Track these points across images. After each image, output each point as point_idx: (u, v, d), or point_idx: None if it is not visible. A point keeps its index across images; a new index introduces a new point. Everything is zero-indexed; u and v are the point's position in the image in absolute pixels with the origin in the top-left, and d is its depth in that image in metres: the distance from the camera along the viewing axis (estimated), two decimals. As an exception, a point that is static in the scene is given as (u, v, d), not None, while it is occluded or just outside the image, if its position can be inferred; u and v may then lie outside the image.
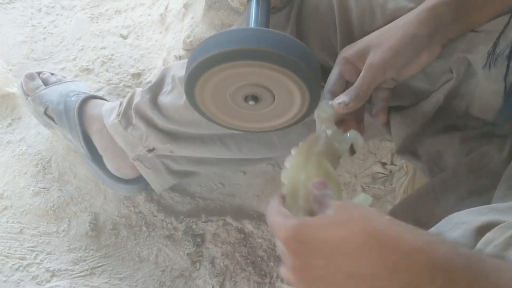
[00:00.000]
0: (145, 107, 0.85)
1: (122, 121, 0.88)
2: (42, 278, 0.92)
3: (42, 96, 0.98)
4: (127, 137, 0.89)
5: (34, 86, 1.00)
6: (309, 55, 0.59)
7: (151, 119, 0.86)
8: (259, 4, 0.66)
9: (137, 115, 0.87)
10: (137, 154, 0.90)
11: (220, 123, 0.69)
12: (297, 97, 0.61)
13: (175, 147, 0.87)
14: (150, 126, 0.86)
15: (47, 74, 1.03)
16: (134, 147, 0.90)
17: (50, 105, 0.97)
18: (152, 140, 0.87)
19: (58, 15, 1.23)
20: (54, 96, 0.98)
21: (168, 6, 1.21)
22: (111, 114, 0.91)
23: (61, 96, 0.97)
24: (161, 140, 0.86)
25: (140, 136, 0.88)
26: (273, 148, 0.88)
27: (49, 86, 1.00)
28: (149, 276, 0.95)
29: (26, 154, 1.04)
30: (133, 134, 0.88)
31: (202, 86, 0.60)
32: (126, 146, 0.90)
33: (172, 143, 0.86)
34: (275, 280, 0.95)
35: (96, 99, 0.99)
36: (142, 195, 1.01)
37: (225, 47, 0.55)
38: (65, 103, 0.96)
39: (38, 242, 0.95)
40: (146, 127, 0.86)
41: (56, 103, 0.97)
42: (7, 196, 0.99)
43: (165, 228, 0.99)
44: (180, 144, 0.87)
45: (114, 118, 0.89)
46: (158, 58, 1.16)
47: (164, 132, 0.86)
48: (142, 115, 0.87)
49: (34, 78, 1.01)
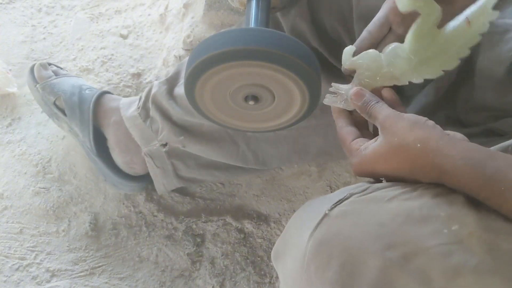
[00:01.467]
0: (162, 97, 0.87)
1: (142, 113, 0.90)
2: (42, 278, 0.92)
3: (54, 85, 0.98)
4: (144, 130, 0.91)
5: (46, 74, 1.00)
6: (309, 55, 0.59)
7: (167, 111, 0.88)
8: (259, 4, 0.66)
9: (154, 106, 0.89)
10: (150, 149, 0.92)
11: (220, 123, 0.69)
12: (297, 97, 0.61)
13: (187, 141, 0.89)
14: (165, 118, 0.88)
15: (55, 67, 1.04)
16: (149, 141, 0.91)
17: (63, 95, 0.97)
18: (166, 133, 0.89)
19: (58, 15, 1.23)
20: (67, 87, 0.98)
21: (168, 6, 1.21)
22: (130, 107, 0.93)
23: (74, 87, 0.97)
24: (175, 133, 0.88)
25: (156, 129, 0.90)
26: (280, 149, 0.89)
27: (60, 76, 1.01)
28: (149, 276, 0.95)
29: (26, 154, 1.04)
30: (152, 127, 0.90)
31: (202, 86, 0.60)
32: (141, 140, 0.92)
33: (185, 136, 0.88)
34: (275, 280, 0.95)
35: (110, 94, 1.00)
36: (142, 195, 1.01)
37: (225, 47, 0.55)
38: (79, 94, 0.96)
39: (38, 242, 0.95)
40: (161, 119, 0.88)
41: (70, 93, 0.97)
42: (7, 196, 0.99)
43: (165, 228, 0.99)
44: (192, 138, 0.88)
45: (134, 110, 0.91)
46: (158, 58, 1.16)
47: (178, 125, 0.88)
48: (158, 106, 0.88)
49: (47, 68, 1.01)
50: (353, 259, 0.41)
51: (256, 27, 0.65)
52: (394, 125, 0.48)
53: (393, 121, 0.49)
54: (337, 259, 0.42)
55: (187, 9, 1.12)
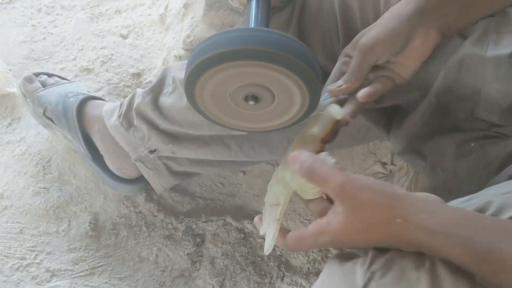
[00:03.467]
0: (146, 108, 0.85)
1: (124, 123, 0.88)
2: (42, 278, 0.92)
3: (40, 97, 0.99)
4: (129, 138, 0.89)
5: (32, 88, 1.00)
6: (309, 55, 0.59)
7: (153, 120, 0.86)
8: (259, 4, 0.66)
9: (138, 116, 0.87)
10: (139, 155, 0.90)
11: (220, 123, 0.69)
12: (297, 97, 0.60)
13: (177, 148, 0.87)
14: (152, 127, 0.86)
15: (44, 77, 1.04)
16: (136, 148, 0.90)
17: (48, 106, 0.97)
18: (154, 141, 0.87)
19: (58, 15, 1.23)
20: (53, 97, 0.98)
21: (168, 6, 1.21)
22: (112, 115, 0.91)
23: (60, 97, 0.97)
24: (163, 141, 0.86)
25: (142, 137, 0.88)
26: (273, 149, 0.88)
27: (47, 87, 1.00)
28: (149, 276, 0.95)
29: (26, 154, 1.04)
30: (135, 135, 0.88)
31: (202, 86, 0.60)
32: (128, 147, 0.90)
33: (174, 143, 0.87)
34: (275, 280, 0.95)
35: (95, 99, 0.99)
36: (142, 195, 1.01)
37: (225, 47, 0.55)
38: (63, 104, 0.96)
39: (38, 242, 0.95)
40: (148, 128, 0.86)
41: (55, 104, 0.97)
42: (7, 196, 0.99)
43: (165, 228, 0.99)
44: (182, 145, 0.87)
45: (115, 120, 0.89)
46: (158, 58, 1.16)
47: (166, 133, 0.86)
48: (144, 116, 0.87)
49: (33, 81, 1.01)
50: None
51: (256, 27, 0.65)
52: (358, 195, 0.44)
53: (354, 191, 0.44)
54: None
55: (187, 9, 1.12)
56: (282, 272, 0.95)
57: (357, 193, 0.44)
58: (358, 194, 0.44)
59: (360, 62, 0.58)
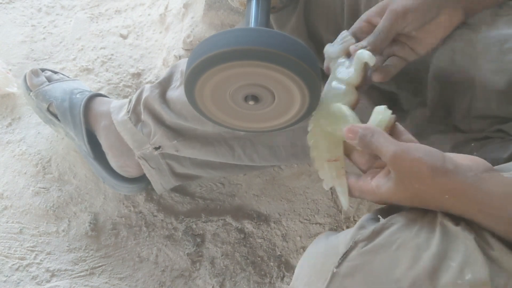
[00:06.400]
0: (154, 101, 0.86)
1: (132, 118, 0.90)
2: (42, 278, 0.92)
3: (45, 92, 0.99)
4: (136, 134, 0.90)
5: (38, 82, 1.00)
6: (309, 55, 0.59)
7: (159, 115, 0.87)
8: (259, 4, 0.66)
9: (146, 110, 0.88)
10: (143, 152, 0.91)
11: (220, 123, 0.69)
12: (297, 97, 0.60)
13: (181, 145, 0.88)
14: (158, 122, 0.87)
15: (49, 73, 1.04)
16: (141, 145, 0.90)
17: (54, 101, 0.97)
18: (159, 137, 0.88)
19: (58, 15, 1.23)
20: (58, 93, 0.98)
21: (168, 6, 1.21)
22: (120, 111, 0.92)
23: (65, 93, 0.97)
24: (168, 137, 0.87)
25: (148, 133, 0.89)
26: (277, 153, 0.88)
27: (53, 82, 1.01)
28: (149, 276, 0.95)
29: (26, 154, 1.04)
30: (143, 131, 0.89)
31: (202, 86, 0.60)
32: (133, 143, 0.91)
33: (179, 140, 0.87)
34: (275, 280, 0.95)
35: (101, 97, 0.99)
36: (142, 195, 1.01)
37: (225, 47, 0.55)
38: (70, 100, 0.96)
39: (38, 242, 0.95)
40: (154, 123, 0.87)
41: (61, 99, 0.97)
42: (7, 196, 0.99)
43: (165, 228, 0.99)
44: (186, 142, 0.88)
45: (124, 115, 0.90)
46: (158, 58, 1.16)
47: (171, 128, 0.87)
48: (151, 110, 0.88)
49: (39, 75, 1.01)
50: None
51: (256, 27, 0.65)
52: (408, 167, 0.45)
53: (405, 162, 0.46)
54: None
55: (187, 9, 1.12)
56: (282, 272, 0.95)
57: (408, 164, 0.45)
58: (408, 166, 0.45)
59: (389, 26, 0.57)
